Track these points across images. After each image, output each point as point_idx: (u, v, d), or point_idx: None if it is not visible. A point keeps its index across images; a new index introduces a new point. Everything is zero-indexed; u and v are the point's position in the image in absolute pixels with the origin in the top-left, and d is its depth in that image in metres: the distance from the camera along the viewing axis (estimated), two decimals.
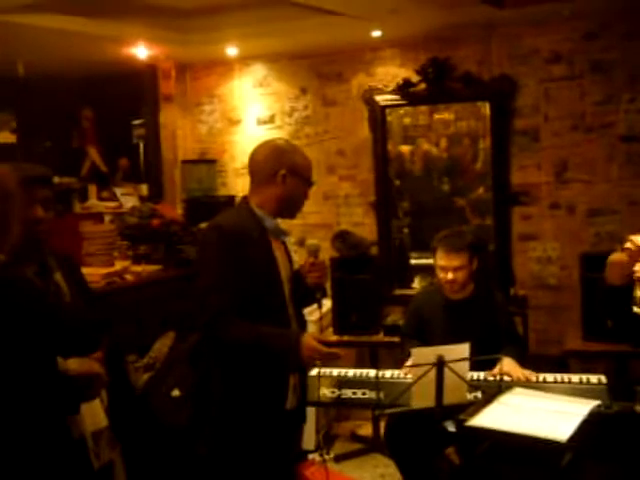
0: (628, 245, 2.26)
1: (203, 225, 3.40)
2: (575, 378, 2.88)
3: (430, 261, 4.60)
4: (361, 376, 3.06)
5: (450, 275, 3.16)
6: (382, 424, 4.32)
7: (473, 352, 2.92)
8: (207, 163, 4.88)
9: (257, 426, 2.21)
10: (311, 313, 2.88)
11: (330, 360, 2.23)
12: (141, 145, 4.90)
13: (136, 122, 4.92)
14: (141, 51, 4.41)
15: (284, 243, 2.38)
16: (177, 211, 4.42)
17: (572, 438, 2.15)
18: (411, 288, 4.65)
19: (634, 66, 4.04)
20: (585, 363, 3.58)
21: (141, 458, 2.38)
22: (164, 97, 4.91)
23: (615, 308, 3.43)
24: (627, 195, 4.12)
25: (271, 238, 2.29)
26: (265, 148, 2.33)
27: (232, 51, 4.59)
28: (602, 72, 4.11)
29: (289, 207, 2.32)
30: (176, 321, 3.03)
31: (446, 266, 3.17)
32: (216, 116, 5.04)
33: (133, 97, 4.95)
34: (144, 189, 4.63)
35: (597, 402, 2.46)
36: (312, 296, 2.37)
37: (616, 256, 2.36)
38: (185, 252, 3.51)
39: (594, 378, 2.86)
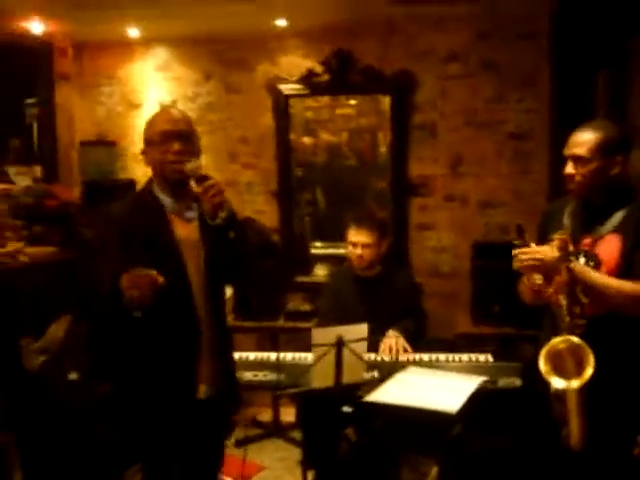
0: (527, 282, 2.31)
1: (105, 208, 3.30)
2: (464, 357, 3.06)
3: (331, 250, 4.77)
4: (262, 359, 3.11)
5: (358, 250, 3.31)
6: (282, 409, 4.42)
7: (384, 328, 3.05)
8: (107, 146, 4.74)
9: (159, 413, 2.12)
10: None
11: (149, 285, 1.91)
12: (35, 125, 4.68)
13: (29, 101, 4.69)
14: (36, 26, 4.22)
15: (202, 221, 2.16)
16: (74, 193, 4.28)
17: (461, 410, 2.30)
18: (312, 276, 4.74)
19: (522, 67, 4.31)
20: (473, 345, 3.79)
21: (37, 442, 2.31)
22: (60, 76, 4.72)
23: (502, 293, 3.67)
24: (513, 189, 4.39)
25: (171, 217, 2.16)
26: None
27: (133, 32, 4.48)
28: (494, 71, 4.35)
29: (161, 177, 2.16)
30: (73, 304, 2.94)
31: (356, 242, 3.33)
32: (115, 99, 4.91)
33: (26, 75, 4.71)
34: (38, 171, 4.43)
35: (484, 378, 2.64)
36: (225, 229, 2.07)
37: (523, 285, 2.41)
38: (84, 234, 3.41)
39: (482, 357, 3.05)
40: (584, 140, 2.25)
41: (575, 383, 2.08)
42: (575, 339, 2.13)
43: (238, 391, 2.39)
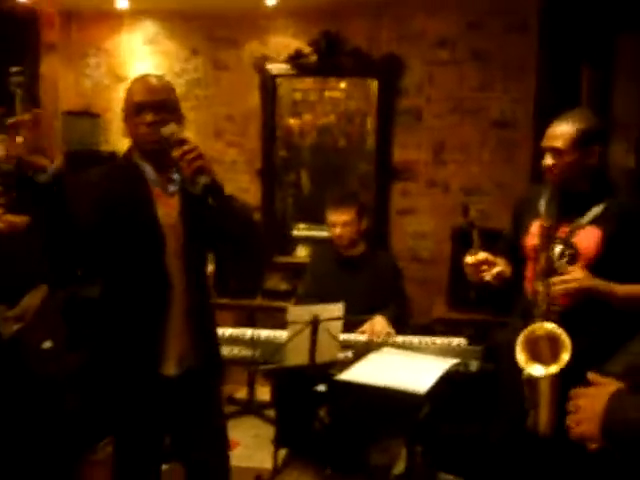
0: (469, 261, 2.39)
1: None
2: (438, 340, 3.09)
3: (314, 232, 4.78)
4: (237, 335, 3.12)
5: (337, 230, 3.32)
6: (258, 388, 4.44)
7: (363, 309, 3.06)
8: (91, 117, 4.70)
9: (124, 386, 2.12)
10: None
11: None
12: (18, 94, 4.63)
13: (14, 69, 4.63)
14: None
15: (184, 193, 2.12)
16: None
17: (431, 391, 2.33)
18: (292, 256, 4.75)
19: (510, 58, 4.32)
20: (449, 331, 3.83)
21: (8, 408, 2.32)
22: (46, 45, 4.67)
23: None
24: (496, 177, 4.41)
25: (154, 190, 2.12)
26: None
27: (122, 3, 4.43)
28: (481, 60, 4.36)
29: (140, 149, 2.12)
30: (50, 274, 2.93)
31: (334, 221, 3.33)
32: (102, 70, 4.86)
33: (12, 43, 4.65)
34: (19, 140, 4.39)
35: (457, 360, 2.68)
36: (205, 196, 1.97)
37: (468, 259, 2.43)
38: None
39: (455, 341, 3.09)
40: (561, 132, 2.27)
41: (550, 370, 2.11)
42: (553, 326, 2.15)
43: (220, 368, 2.34)
